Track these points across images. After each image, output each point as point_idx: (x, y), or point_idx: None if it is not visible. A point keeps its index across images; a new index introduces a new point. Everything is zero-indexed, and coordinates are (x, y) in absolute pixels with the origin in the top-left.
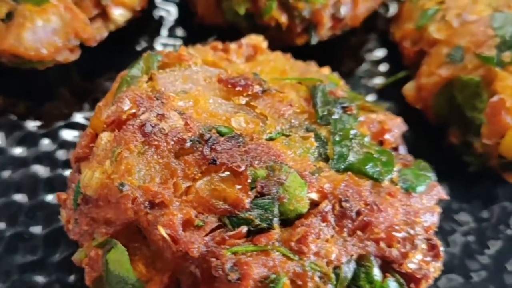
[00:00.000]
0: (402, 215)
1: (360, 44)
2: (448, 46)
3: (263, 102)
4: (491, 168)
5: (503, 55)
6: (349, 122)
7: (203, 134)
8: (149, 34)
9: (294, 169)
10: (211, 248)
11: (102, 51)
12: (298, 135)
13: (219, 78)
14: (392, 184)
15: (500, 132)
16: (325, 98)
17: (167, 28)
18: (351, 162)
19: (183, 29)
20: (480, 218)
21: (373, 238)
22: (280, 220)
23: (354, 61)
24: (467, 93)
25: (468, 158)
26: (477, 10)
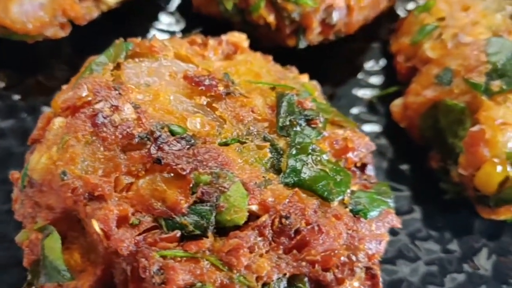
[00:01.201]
0: (345, 240)
1: (359, 52)
2: (438, 67)
3: (225, 105)
4: (468, 198)
5: (492, 84)
6: (311, 136)
7: (154, 131)
8: (147, 19)
9: (239, 179)
10: (141, 248)
11: (96, 31)
12: (254, 143)
13: (185, 74)
14: (341, 206)
15: (477, 164)
16: (290, 108)
17: (166, 14)
18: (303, 178)
19: (182, 17)
20: (447, 249)
21: (309, 259)
22: (216, 228)
23: (350, 69)
24: (450, 118)
25: (445, 185)
26: (475, 32)
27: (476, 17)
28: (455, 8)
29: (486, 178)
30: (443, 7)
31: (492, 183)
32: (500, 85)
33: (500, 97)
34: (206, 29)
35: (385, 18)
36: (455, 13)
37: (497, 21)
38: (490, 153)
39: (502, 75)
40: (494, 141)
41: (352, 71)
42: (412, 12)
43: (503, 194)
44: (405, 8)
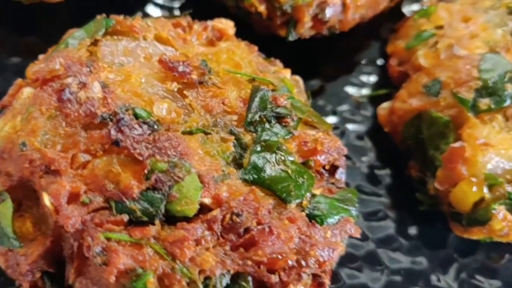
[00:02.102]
0: (296, 244)
1: (357, 49)
2: (428, 76)
3: (196, 93)
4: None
5: (480, 101)
6: (279, 134)
7: (117, 113)
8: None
9: (196, 170)
10: (88, 228)
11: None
12: (218, 136)
13: (161, 58)
14: (298, 209)
15: (453, 180)
16: (262, 103)
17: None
18: (263, 176)
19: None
20: (416, 261)
21: (255, 259)
22: (166, 217)
23: (345, 65)
24: (433, 130)
25: (421, 196)
26: (471, 45)
27: (476, 29)
28: (455, 17)
29: (461, 196)
30: (443, 15)
31: (466, 202)
32: (488, 104)
33: (487, 116)
34: (202, 9)
35: (388, 17)
36: (454, 23)
37: (496, 36)
38: (468, 172)
39: (492, 93)
40: (474, 160)
41: (346, 68)
42: (413, 15)
43: (477, 215)
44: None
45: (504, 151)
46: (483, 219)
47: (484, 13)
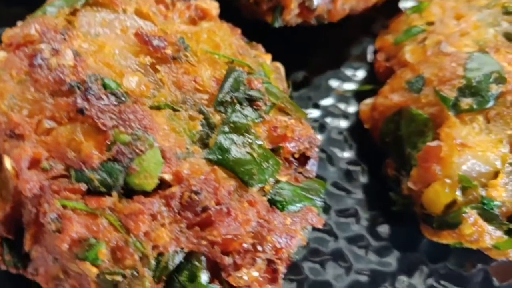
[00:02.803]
0: (254, 228)
1: (349, 43)
2: (413, 72)
3: (168, 69)
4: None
5: (462, 101)
6: (249, 117)
7: (86, 82)
8: None
9: (159, 145)
10: (45, 194)
11: None
12: (187, 113)
13: (137, 31)
14: (259, 193)
15: (427, 180)
16: (235, 84)
17: None
18: (227, 157)
19: None
20: (384, 262)
21: (209, 239)
22: (125, 190)
23: (334, 58)
24: (412, 128)
25: (394, 196)
26: (460, 43)
27: (467, 28)
28: (447, 14)
29: (433, 197)
30: (436, 11)
31: (438, 203)
32: (470, 104)
33: (467, 116)
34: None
35: (383, 12)
36: (445, 20)
37: (487, 36)
38: (442, 172)
39: (474, 93)
40: (449, 160)
41: (335, 61)
42: (405, 10)
43: (448, 218)
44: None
45: (481, 154)
46: (453, 223)
47: (478, 11)
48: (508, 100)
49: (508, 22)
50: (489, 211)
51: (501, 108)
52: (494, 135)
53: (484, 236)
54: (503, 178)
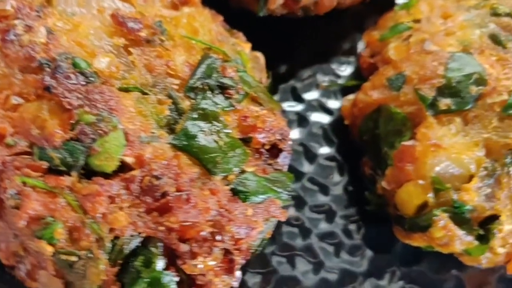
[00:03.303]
0: (213, 217)
1: (339, 39)
2: (394, 70)
3: (142, 51)
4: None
5: (441, 101)
6: (220, 105)
7: (56, 60)
8: None
9: (124, 127)
10: (7, 170)
11: None
12: (156, 97)
13: (113, 13)
14: (223, 182)
15: (400, 180)
16: (208, 71)
17: None
18: (192, 144)
19: None
20: (355, 262)
21: (167, 225)
22: (86, 171)
23: (322, 53)
24: (390, 126)
25: (369, 196)
26: (444, 42)
27: (453, 27)
28: (435, 13)
29: (405, 197)
30: (424, 9)
31: (410, 204)
32: (448, 104)
33: (445, 117)
34: None
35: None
36: (432, 18)
37: (473, 36)
38: (416, 172)
39: (454, 94)
40: (423, 161)
41: (323, 55)
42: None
43: (419, 220)
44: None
45: (456, 156)
46: (424, 225)
47: (466, 11)
48: (488, 103)
49: (496, 23)
50: (460, 215)
51: (480, 110)
52: (470, 137)
53: (455, 240)
54: (477, 182)
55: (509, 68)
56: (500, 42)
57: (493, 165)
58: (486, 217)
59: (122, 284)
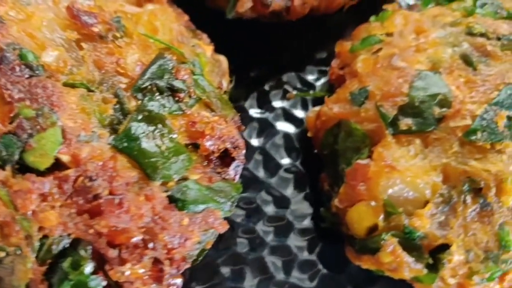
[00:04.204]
0: (146, 223)
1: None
2: (359, 84)
3: (93, 47)
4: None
5: (402, 120)
6: (168, 108)
7: (3, 50)
8: None
9: (63, 124)
10: None
11: None
12: (101, 95)
13: (68, 5)
14: (161, 189)
15: (352, 199)
16: (160, 72)
17: None
18: (133, 146)
19: None
20: (304, 279)
21: (97, 228)
22: (23, 166)
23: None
24: (349, 143)
25: (325, 213)
26: (413, 59)
27: (425, 44)
28: (408, 27)
29: (356, 218)
30: (398, 22)
31: (361, 225)
32: (409, 125)
33: (405, 138)
34: None
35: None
36: (405, 33)
37: (444, 55)
38: (368, 193)
39: (416, 114)
40: (376, 182)
41: (298, 62)
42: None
43: (369, 242)
44: None
45: (411, 179)
46: (373, 248)
47: (440, 28)
48: (450, 126)
49: (469, 43)
50: (410, 241)
51: (441, 133)
52: (429, 161)
53: (403, 267)
54: (431, 208)
55: (476, 91)
56: (471, 63)
57: (450, 192)
58: (438, 245)
59: (49, 284)
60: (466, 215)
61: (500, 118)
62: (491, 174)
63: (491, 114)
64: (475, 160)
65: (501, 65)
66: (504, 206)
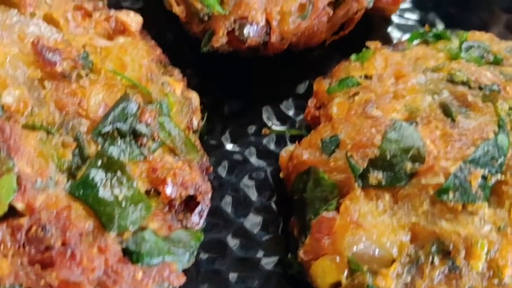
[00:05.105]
0: (99, 277)
1: (299, 79)
2: (331, 130)
3: (55, 86)
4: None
5: (372, 174)
6: (129, 154)
7: None
8: None
9: (19, 170)
10: None
11: None
12: (61, 138)
13: (33, 41)
14: (116, 240)
15: (317, 253)
16: (123, 116)
17: None
18: (90, 194)
19: None
20: None
21: (48, 280)
22: None
23: (278, 92)
24: (317, 192)
25: (291, 258)
26: (389, 107)
27: (403, 90)
28: (388, 71)
29: (320, 272)
30: (378, 64)
31: (324, 281)
32: (379, 179)
33: (374, 191)
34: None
35: (346, 51)
36: (384, 77)
37: (422, 103)
38: (332, 247)
39: (386, 168)
40: (341, 237)
41: (277, 96)
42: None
43: None
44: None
45: (377, 237)
46: None
47: (421, 73)
48: (422, 182)
49: (450, 91)
50: None
51: (412, 189)
52: (397, 219)
53: None
54: (397, 268)
55: (452, 146)
56: (450, 113)
57: (417, 252)
58: None
59: None
60: (433, 277)
61: (474, 177)
62: (461, 237)
63: (465, 173)
64: (446, 221)
65: (480, 117)
66: (473, 270)
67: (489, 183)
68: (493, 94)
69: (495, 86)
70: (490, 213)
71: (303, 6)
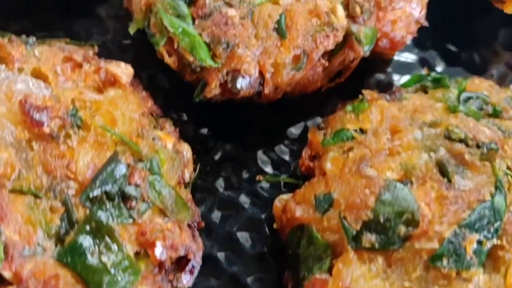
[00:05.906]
0: None
1: (292, 122)
2: (325, 187)
3: (43, 148)
4: None
5: (365, 236)
6: (117, 218)
7: None
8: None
9: (6, 238)
10: None
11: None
12: (49, 203)
13: (21, 100)
14: None
15: None
16: (111, 178)
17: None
18: (78, 262)
19: None
20: None
21: None
22: None
23: (273, 135)
24: (311, 250)
25: None
26: (384, 165)
27: (399, 146)
28: (384, 125)
29: None
30: (374, 117)
31: None
32: (372, 242)
33: (367, 254)
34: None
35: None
36: (379, 132)
37: (418, 161)
38: None
39: (380, 231)
40: None
41: (272, 139)
42: (346, 106)
43: None
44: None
45: None
46: None
47: (418, 128)
48: (415, 247)
49: (447, 149)
50: None
51: (406, 253)
52: (390, 283)
53: None
54: None
55: (447, 209)
56: (446, 173)
57: None
58: None
59: None
60: None
61: (469, 242)
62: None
63: (459, 238)
64: (439, 287)
65: (478, 177)
66: None
67: (485, 248)
68: (491, 153)
69: (493, 144)
70: (485, 279)
71: (297, 58)
